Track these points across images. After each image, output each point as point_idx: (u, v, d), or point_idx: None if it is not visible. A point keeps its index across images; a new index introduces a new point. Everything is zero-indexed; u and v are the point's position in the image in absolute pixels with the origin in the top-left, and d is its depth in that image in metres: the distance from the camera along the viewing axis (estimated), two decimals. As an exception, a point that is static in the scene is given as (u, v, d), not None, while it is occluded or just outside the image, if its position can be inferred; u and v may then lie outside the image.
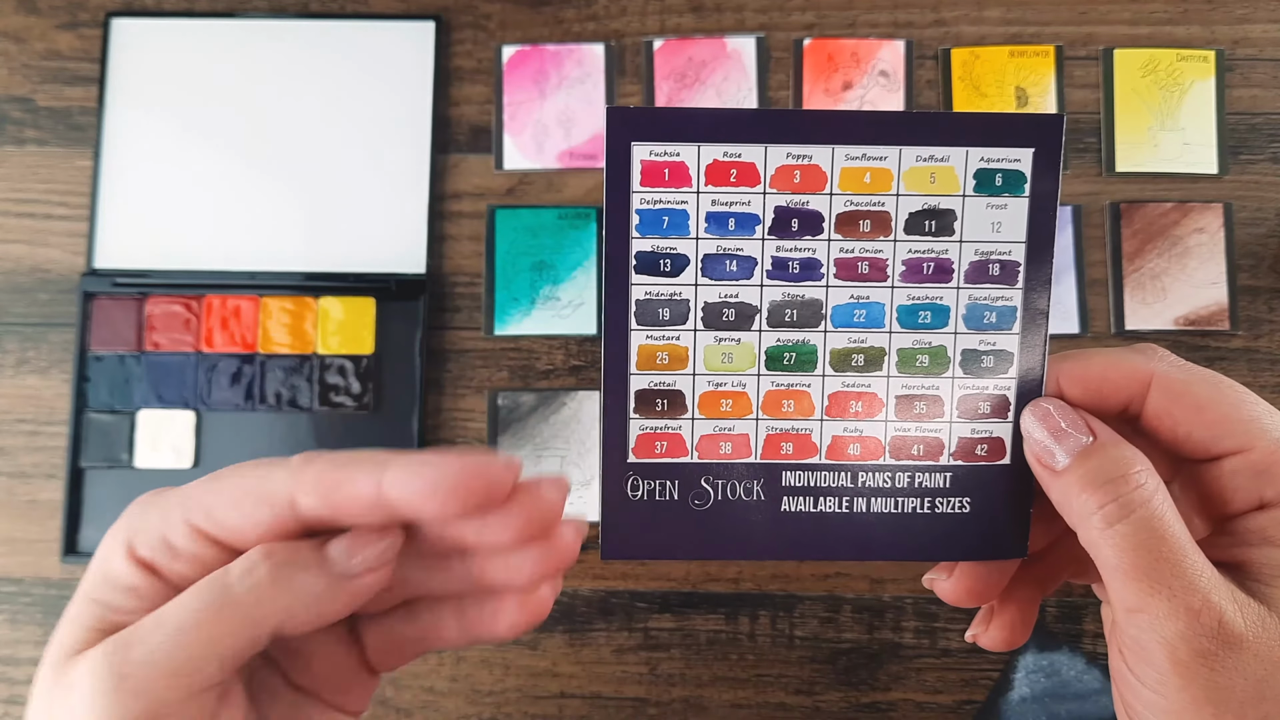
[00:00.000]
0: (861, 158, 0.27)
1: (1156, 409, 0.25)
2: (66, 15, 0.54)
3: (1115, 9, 0.52)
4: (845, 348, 0.27)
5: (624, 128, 0.26)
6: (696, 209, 0.27)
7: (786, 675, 0.48)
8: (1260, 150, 0.51)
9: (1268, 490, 0.24)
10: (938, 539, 0.28)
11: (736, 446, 0.28)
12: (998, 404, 0.27)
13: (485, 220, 0.52)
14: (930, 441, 0.27)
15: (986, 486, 0.27)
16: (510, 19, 0.54)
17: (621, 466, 0.28)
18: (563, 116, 0.53)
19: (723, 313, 0.27)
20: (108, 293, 0.52)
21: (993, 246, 0.27)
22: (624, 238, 0.27)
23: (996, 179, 0.26)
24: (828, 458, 0.28)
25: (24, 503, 0.51)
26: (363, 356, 0.51)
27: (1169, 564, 0.22)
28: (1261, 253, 0.50)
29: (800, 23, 0.53)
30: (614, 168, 0.27)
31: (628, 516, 0.27)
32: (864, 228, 0.27)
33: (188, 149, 0.53)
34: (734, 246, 0.27)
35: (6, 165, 0.53)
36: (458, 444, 0.51)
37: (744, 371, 0.28)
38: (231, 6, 0.54)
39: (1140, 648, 0.23)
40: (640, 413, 0.28)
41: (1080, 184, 0.51)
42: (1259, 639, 0.22)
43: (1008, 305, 0.27)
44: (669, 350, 0.27)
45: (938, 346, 0.27)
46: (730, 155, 0.27)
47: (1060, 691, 0.44)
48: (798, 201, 0.27)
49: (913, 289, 0.27)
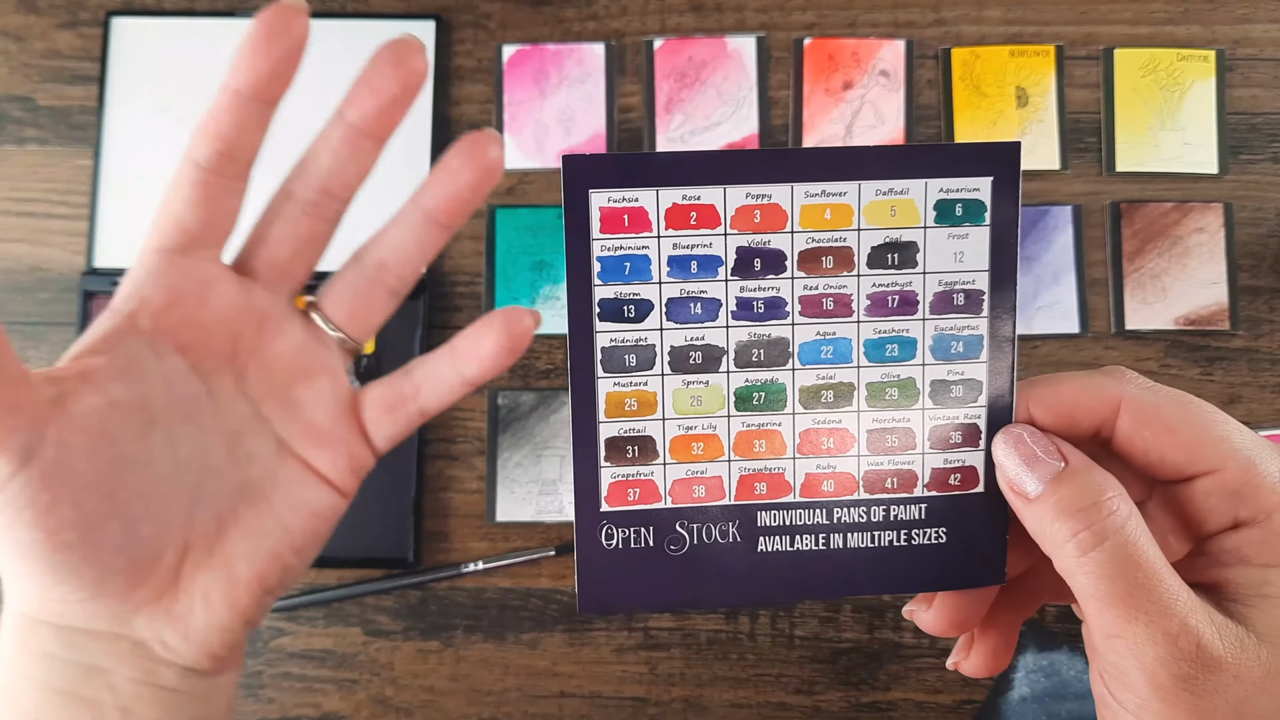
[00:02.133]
0: (821, 194, 0.26)
1: (1127, 432, 0.25)
2: (67, 14, 0.54)
3: (1116, 9, 0.52)
4: (814, 384, 0.27)
5: (581, 176, 0.26)
6: (658, 253, 0.27)
7: (786, 675, 0.48)
8: (1260, 150, 0.51)
9: (1241, 510, 0.24)
10: (916, 571, 0.28)
11: (710, 489, 0.28)
12: (969, 433, 0.27)
13: (485, 220, 0.52)
14: (904, 474, 0.28)
15: (962, 515, 0.27)
16: (511, 18, 0.54)
17: (595, 516, 0.27)
18: (563, 116, 0.53)
19: (689, 356, 0.27)
20: (108, 292, 0.52)
21: (956, 276, 0.27)
22: (586, 286, 0.27)
23: (957, 209, 0.27)
24: (802, 495, 0.28)
25: (24, 502, 0.51)
26: (363, 356, 0.51)
27: (1144, 590, 0.22)
28: (1262, 252, 0.50)
29: (801, 22, 0.53)
30: (573, 216, 0.27)
31: (603, 566, 0.27)
32: (827, 264, 0.27)
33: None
34: (698, 289, 0.27)
35: (7, 164, 0.53)
36: (458, 444, 0.51)
37: (714, 414, 0.28)
38: (231, 6, 0.54)
39: (1120, 673, 0.23)
40: (611, 460, 0.27)
41: (1080, 184, 0.51)
42: (1238, 660, 0.22)
43: (974, 334, 0.27)
44: (637, 396, 0.27)
45: (906, 379, 0.27)
46: (689, 198, 0.26)
47: (1060, 691, 0.44)
48: (759, 241, 0.27)
49: (879, 322, 0.27)
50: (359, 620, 0.49)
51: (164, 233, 0.26)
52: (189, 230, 0.26)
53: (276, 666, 0.49)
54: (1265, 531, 0.24)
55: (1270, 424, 0.49)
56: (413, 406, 0.29)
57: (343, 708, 0.49)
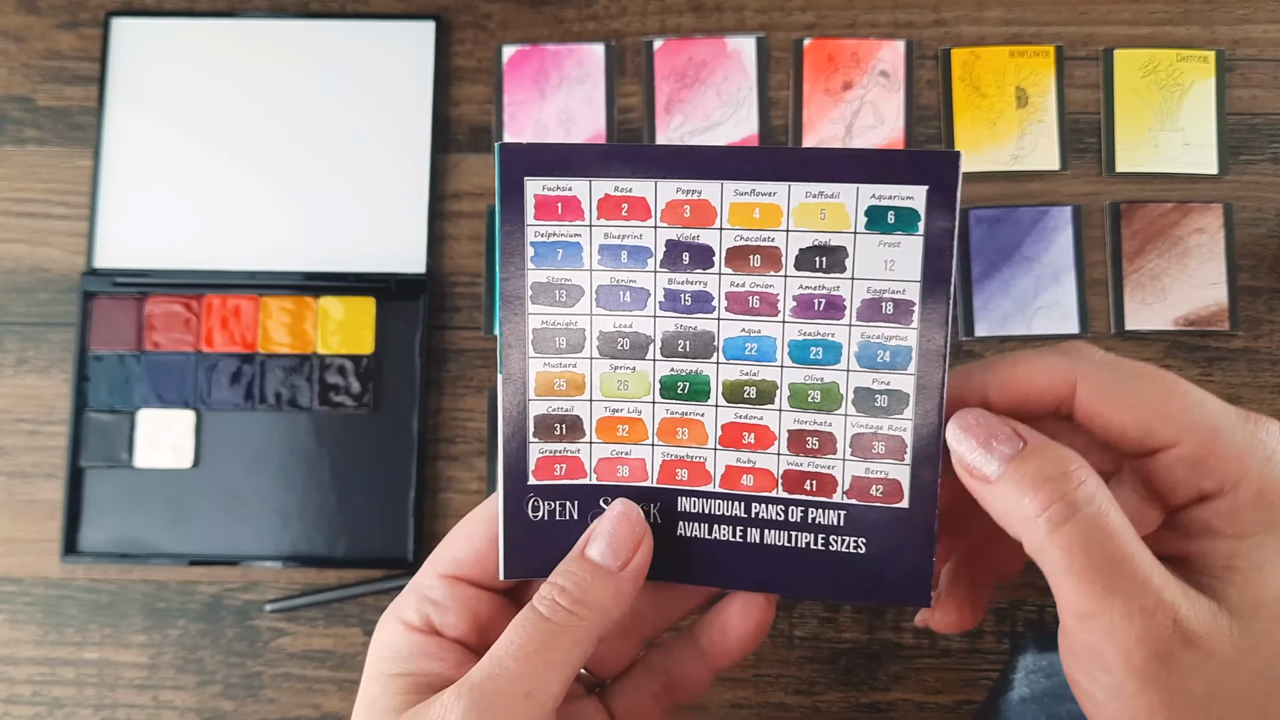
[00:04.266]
0: (750, 193, 0.27)
1: (1086, 409, 0.25)
2: (67, 15, 0.54)
3: (1115, 9, 0.52)
4: (737, 380, 0.28)
5: (516, 163, 0.27)
6: (590, 241, 0.27)
7: (786, 675, 0.48)
8: (1260, 150, 0.51)
9: (1205, 482, 0.23)
10: (834, 577, 0.28)
11: (633, 470, 0.28)
12: (893, 445, 0.27)
13: (485, 220, 0.52)
14: (823, 477, 0.27)
15: (883, 529, 0.27)
16: (510, 19, 0.54)
17: (522, 488, 0.28)
18: (563, 116, 0.53)
19: (618, 342, 0.28)
20: (108, 292, 0.52)
21: (886, 285, 0.26)
22: (520, 269, 0.27)
23: (889, 216, 0.26)
24: (721, 486, 0.28)
25: (23, 502, 0.51)
26: (363, 356, 0.51)
27: (1119, 563, 0.22)
28: (1261, 253, 0.51)
29: (800, 23, 0.53)
30: (508, 202, 0.27)
31: (528, 536, 0.28)
32: (754, 262, 0.27)
33: (188, 149, 0.53)
34: (627, 278, 0.27)
35: (6, 165, 0.53)
36: (458, 444, 0.51)
37: (639, 399, 0.28)
38: (232, 6, 0.54)
39: (1093, 653, 0.22)
40: (540, 437, 0.28)
41: (1080, 184, 0.51)
42: (1211, 635, 0.22)
43: (902, 345, 0.27)
44: (566, 377, 0.28)
45: (830, 383, 0.27)
46: (621, 190, 0.27)
47: (1060, 692, 0.44)
48: (688, 235, 0.27)
49: (804, 324, 0.27)
50: (359, 620, 0.49)
51: None
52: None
53: (277, 667, 0.49)
54: (1231, 503, 0.23)
55: (1270, 424, 0.49)
56: (669, 706, 0.30)
57: (343, 708, 0.49)
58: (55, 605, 0.50)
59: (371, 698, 0.26)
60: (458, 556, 0.28)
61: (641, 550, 0.27)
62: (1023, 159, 0.52)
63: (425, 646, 0.27)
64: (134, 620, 0.50)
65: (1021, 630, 0.48)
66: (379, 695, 0.26)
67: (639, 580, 0.27)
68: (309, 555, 0.50)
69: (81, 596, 0.50)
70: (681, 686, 0.30)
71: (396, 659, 0.27)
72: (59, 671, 0.49)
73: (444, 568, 0.28)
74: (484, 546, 0.28)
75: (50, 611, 0.50)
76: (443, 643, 0.27)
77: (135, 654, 0.50)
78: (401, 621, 0.28)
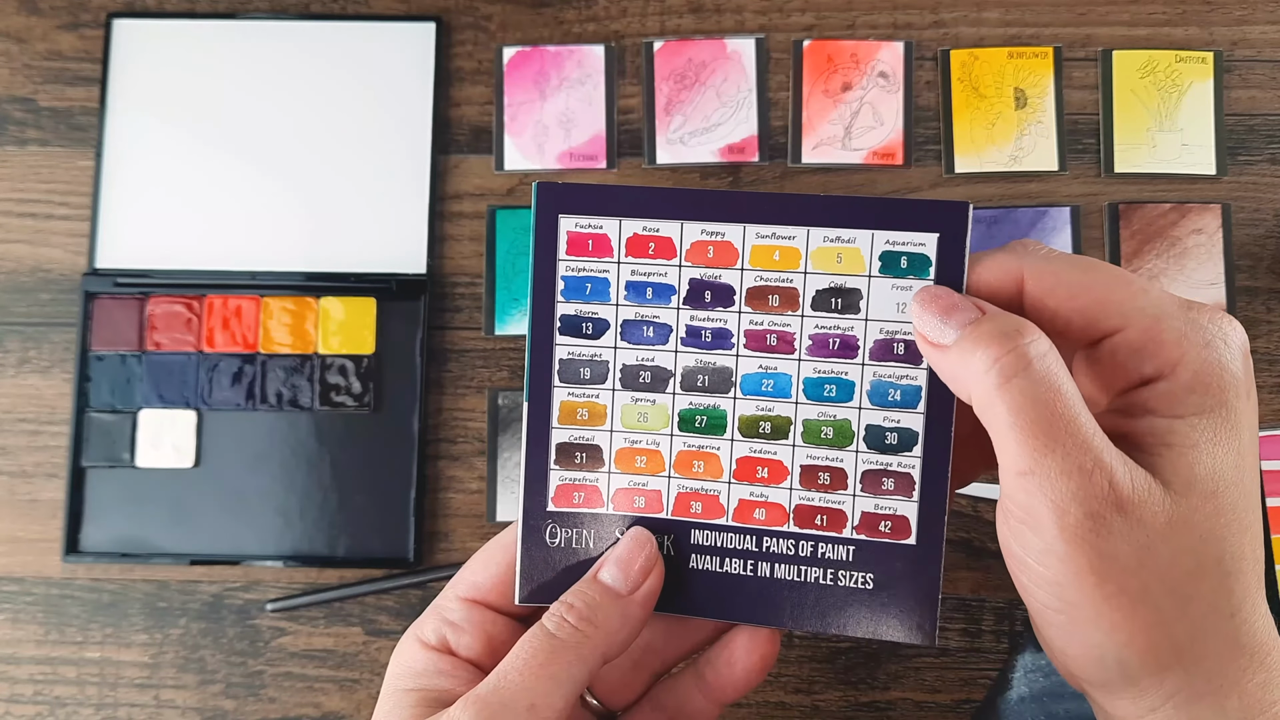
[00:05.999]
0: (771, 236, 0.28)
1: (1034, 300, 0.25)
2: (68, 16, 0.54)
3: (1114, 10, 0.53)
4: (753, 415, 0.28)
5: (552, 202, 0.28)
6: (617, 278, 0.28)
7: (785, 674, 0.48)
8: (1258, 151, 0.51)
9: (1146, 366, 0.24)
10: (840, 612, 0.28)
11: (649, 501, 0.29)
12: (902, 482, 0.28)
13: (486, 220, 0.53)
14: (833, 512, 0.28)
15: (890, 565, 0.28)
16: (511, 20, 0.54)
17: (541, 514, 0.29)
18: (563, 117, 0.53)
19: (639, 375, 0.29)
20: (109, 293, 0.52)
21: (898, 326, 0.27)
22: (550, 301, 0.29)
23: (902, 261, 0.27)
24: (734, 519, 0.29)
25: (25, 502, 0.51)
26: (363, 356, 0.52)
27: (1063, 421, 0.22)
28: (1259, 253, 0.51)
29: (800, 24, 0.53)
30: (542, 237, 0.28)
31: (545, 562, 0.29)
32: (773, 302, 0.28)
33: (189, 149, 0.53)
34: (651, 314, 0.29)
35: (8, 165, 0.54)
36: (458, 444, 0.51)
37: (658, 431, 0.29)
38: (233, 8, 0.54)
39: (1027, 513, 0.23)
40: (560, 464, 0.29)
41: (1079, 185, 0.52)
42: (1144, 503, 0.22)
43: (912, 384, 0.28)
44: (589, 407, 0.29)
45: (842, 420, 0.28)
46: (649, 230, 0.28)
47: (1059, 690, 0.44)
48: (711, 275, 0.28)
49: (819, 363, 0.28)
50: (360, 620, 0.50)
51: None
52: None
53: (277, 666, 0.49)
54: (1170, 384, 0.24)
55: (1270, 424, 0.49)
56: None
57: (344, 707, 0.49)
58: (57, 604, 0.50)
59: (385, 712, 0.27)
60: (477, 580, 0.29)
61: (652, 577, 0.28)
62: (1021, 160, 0.52)
63: (439, 665, 0.28)
64: (135, 619, 0.50)
65: (1020, 630, 0.48)
66: (391, 709, 0.27)
67: (648, 606, 0.28)
68: (310, 555, 0.50)
69: (83, 596, 0.50)
70: (687, 719, 0.30)
71: (411, 675, 0.28)
72: (60, 671, 0.50)
73: (463, 590, 0.29)
74: (502, 571, 0.29)
75: (52, 611, 0.50)
76: (456, 662, 0.28)
77: (136, 653, 0.50)
78: (419, 641, 0.29)
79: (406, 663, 0.28)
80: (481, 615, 0.29)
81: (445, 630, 0.29)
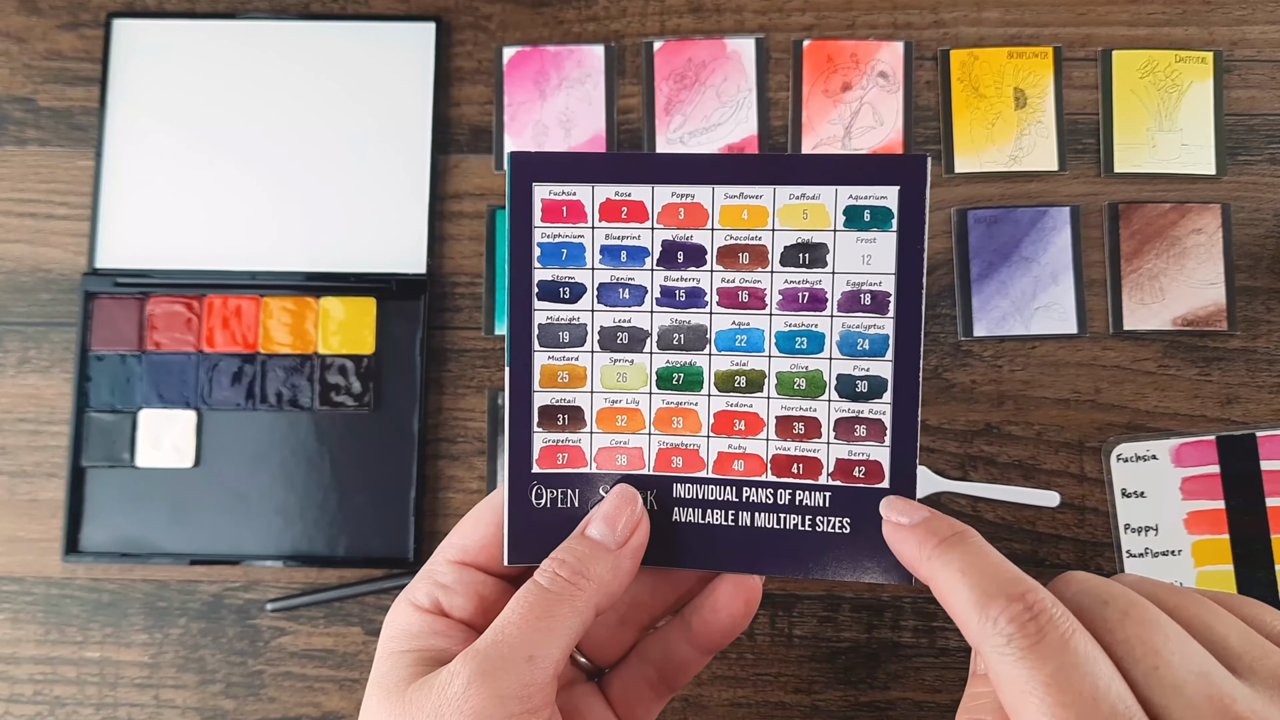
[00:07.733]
0: (739, 196, 0.29)
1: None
2: (68, 16, 0.54)
3: (1114, 10, 0.53)
4: (728, 370, 0.29)
5: (526, 170, 0.29)
6: (592, 242, 0.29)
7: (785, 674, 0.48)
8: (1258, 151, 0.51)
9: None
10: (820, 557, 0.29)
11: (631, 459, 0.30)
12: (874, 428, 0.29)
13: (485, 220, 0.53)
14: (809, 460, 0.29)
15: (865, 508, 0.29)
16: (511, 20, 0.54)
17: (526, 476, 0.30)
18: (563, 117, 0.53)
19: (617, 336, 0.30)
20: (109, 292, 0.52)
21: (864, 278, 0.28)
22: (527, 268, 0.30)
23: (865, 215, 0.28)
24: (714, 472, 0.30)
25: (25, 502, 0.51)
26: (363, 356, 0.52)
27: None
28: (1259, 253, 0.51)
29: (800, 24, 0.53)
30: (517, 206, 0.29)
31: (532, 523, 0.30)
32: (743, 260, 0.29)
33: (189, 149, 0.53)
34: (626, 276, 0.29)
35: (8, 165, 0.54)
36: (458, 443, 0.51)
37: (637, 390, 0.30)
38: (233, 7, 0.54)
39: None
40: (543, 426, 0.30)
41: (1078, 185, 0.52)
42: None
43: (880, 333, 0.29)
44: (569, 370, 0.30)
45: (814, 371, 0.29)
46: (621, 194, 0.29)
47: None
48: (683, 236, 0.29)
49: (789, 316, 0.29)
50: (360, 620, 0.50)
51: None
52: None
53: (277, 666, 0.49)
54: None
55: (1269, 424, 0.49)
56: (664, 692, 0.32)
57: (344, 707, 0.49)
58: (57, 604, 0.50)
59: (382, 673, 0.27)
60: (466, 543, 0.30)
61: (639, 530, 0.28)
62: (1021, 159, 0.52)
63: (433, 625, 0.28)
64: (135, 619, 0.50)
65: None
66: (389, 670, 0.27)
67: (636, 558, 0.28)
68: (310, 554, 0.50)
69: (83, 596, 0.50)
70: (675, 671, 0.31)
71: (406, 637, 0.28)
72: (60, 670, 0.50)
73: (453, 554, 0.30)
74: (490, 533, 0.30)
75: (52, 610, 0.50)
76: (449, 623, 0.28)
77: (136, 653, 0.50)
78: (411, 604, 0.29)
79: (401, 625, 0.28)
80: (472, 577, 0.29)
81: (437, 593, 0.29)
